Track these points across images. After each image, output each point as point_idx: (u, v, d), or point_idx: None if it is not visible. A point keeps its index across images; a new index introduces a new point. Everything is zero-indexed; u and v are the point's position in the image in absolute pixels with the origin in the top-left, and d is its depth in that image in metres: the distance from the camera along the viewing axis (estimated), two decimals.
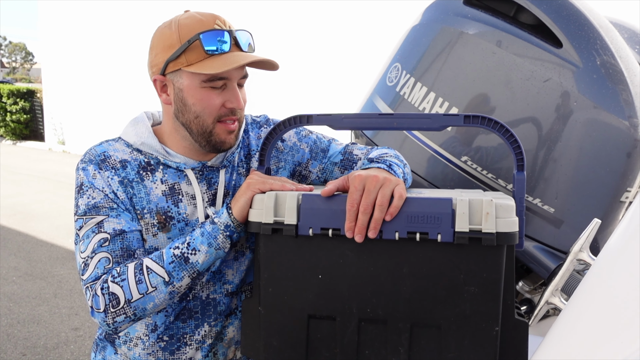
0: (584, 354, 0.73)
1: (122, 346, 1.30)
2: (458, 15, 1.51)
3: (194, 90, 1.19)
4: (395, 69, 1.62)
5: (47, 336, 3.93)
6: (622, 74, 1.38)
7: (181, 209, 1.25)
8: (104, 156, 1.23)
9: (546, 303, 1.30)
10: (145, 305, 1.13)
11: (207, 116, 1.20)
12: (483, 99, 1.43)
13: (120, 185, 1.22)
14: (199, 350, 1.30)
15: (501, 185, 1.42)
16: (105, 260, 1.15)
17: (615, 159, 1.39)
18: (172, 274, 1.13)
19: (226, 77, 1.19)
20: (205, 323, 1.30)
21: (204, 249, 1.13)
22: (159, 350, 1.28)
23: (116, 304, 1.12)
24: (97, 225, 1.17)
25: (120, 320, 1.13)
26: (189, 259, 1.13)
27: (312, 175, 1.40)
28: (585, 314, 0.78)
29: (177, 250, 1.14)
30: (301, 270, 1.06)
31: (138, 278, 1.12)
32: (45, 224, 6.96)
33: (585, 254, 1.20)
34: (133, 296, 1.12)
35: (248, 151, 1.37)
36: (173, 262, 1.13)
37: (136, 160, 1.25)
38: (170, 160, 1.26)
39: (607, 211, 1.44)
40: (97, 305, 1.13)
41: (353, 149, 1.41)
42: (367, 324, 1.05)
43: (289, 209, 1.05)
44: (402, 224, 1.00)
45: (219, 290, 1.30)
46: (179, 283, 1.14)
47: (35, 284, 4.91)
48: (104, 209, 1.19)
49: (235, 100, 1.21)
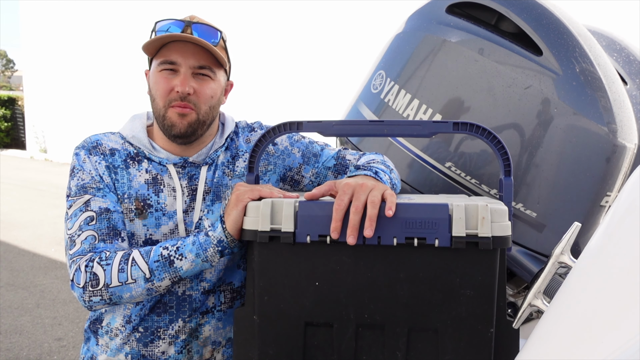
0: (564, 355, 0.75)
1: (104, 336, 1.34)
2: (440, 23, 1.54)
3: (153, 75, 1.29)
4: (379, 76, 1.64)
5: (30, 347, 3.87)
6: (600, 81, 1.41)
7: (161, 198, 1.30)
8: (96, 143, 1.32)
9: (529, 306, 1.32)
10: (122, 294, 1.17)
11: (159, 99, 1.28)
12: (466, 105, 1.46)
13: (106, 170, 1.29)
14: (172, 345, 1.33)
15: (484, 191, 1.45)
16: (92, 237, 1.21)
17: (595, 164, 1.42)
18: (154, 273, 1.15)
19: (174, 62, 1.26)
20: (180, 319, 1.32)
21: (191, 257, 1.15)
22: (134, 341, 1.32)
23: (95, 284, 1.16)
24: (84, 204, 1.24)
25: (95, 300, 1.18)
26: (173, 263, 1.15)
27: (305, 179, 1.43)
28: (566, 315, 0.80)
29: (165, 250, 1.16)
30: (298, 278, 1.06)
31: (121, 267, 1.16)
32: (27, 233, 6.85)
33: (567, 257, 1.22)
34: (112, 282, 1.16)
35: (236, 152, 1.40)
36: (158, 262, 1.15)
37: (126, 150, 1.33)
38: (155, 155, 1.33)
39: (588, 215, 1.47)
40: (78, 280, 1.17)
41: (345, 154, 1.43)
42: (365, 330, 1.06)
43: (286, 216, 1.05)
44: (399, 230, 1.01)
45: (195, 287, 1.33)
46: (158, 282, 1.16)
47: (17, 294, 4.83)
48: (91, 189, 1.26)
49: (181, 85, 1.25)
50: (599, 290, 0.74)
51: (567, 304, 0.81)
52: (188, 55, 1.25)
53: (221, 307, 1.37)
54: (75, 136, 14.08)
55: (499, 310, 1.06)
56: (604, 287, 0.73)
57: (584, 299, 0.77)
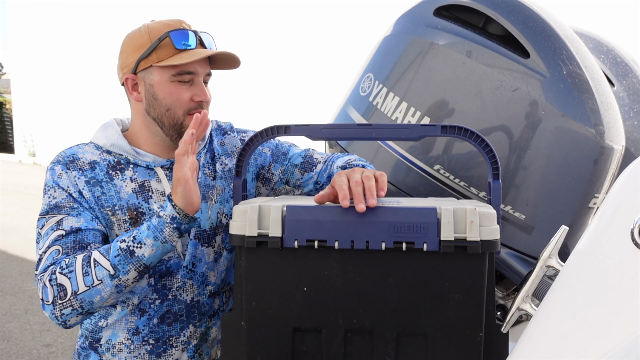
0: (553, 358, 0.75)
1: (106, 353, 1.31)
2: (428, 26, 1.54)
3: (163, 85, 1.27)
4: (368, 79, 1.64)
5: (18, 353, 3.82)
6: (587, 83, 1.42)
7: (152, 204, 1.29)
8: (72, 157, 1.29)
9: (517, 310, 1.32)
10: (92, 298, 1.14)
11: (178, 109, 1.28)
12: (454, 108, 1.46)
13: (87, 185, 1.26)
14: (184, 351, 1.34)
15: (473, 193, 1.44)
16: (56, 251, 1.18)
17: (583, 166, 1.43)
18: (118, 267, 1.14)
19: (193, 72, 1.27)
20: (190, 324, 1.34)
21: (150, 242, 1.14)
22: (145, 354, 1.31)
23: (63, 295, 1.13)
24: (56, 224, 1.21)
25: (67, 312, 1.15)
26: (134, 252, 1.14)
27: (274, 177, 1.47)
28: (554, 319, 0.80)
29: (123, 243, 1.15)
30: (286, 283, 1.05)
31: (85, 270, 1.13)
32: (16, 238, 6.78)
33: (554, 261, 1.22)
34: (79, 288, 1.13)
35: (213, 154, 1.42)
36: (119, 256, 1.14)
37: (105, 161, 1.30)
38: (140, 160, 1.32)
39: (576, 217, 1.48)
40: (47, 297, 1.15)
41: (313, 153, 1.48)
42: (354, 335, 1.05)
43: (274, 221, 1.04)
44: (388, 234, 1.01)
45: (202, 292, 1.35)
46: (125, 277, 1.14)
47: (5, 299, 4.78)
48: (65, 208, 1.23)
49: (202, 94, 1.29)
50: (587, 293, 0.74)
51: (556, 307, 0.81)
52: (203, 65, 1.30)
53: (224, 308, 1.41)
54: (64, 139, 13.97)
55: (488, 314, 1.05)
56: (592, 290, 0.73)
57: (572, 302, 0.77)
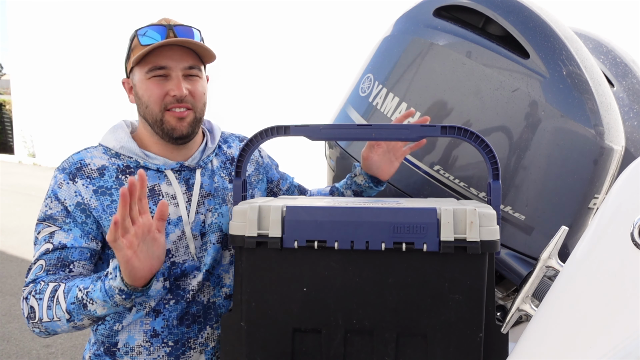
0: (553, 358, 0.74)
1: (125, 357, 1.30)
2: (428, 26, 1.54)
3: (141, 83, 1.28)
4: (367, 80, 1.63)
5: (18, 354, 3.82)
6: (587, 84, 1.42)
7: None
8: (80, 164, 1.27)
9: (517, 310, 1.31)
10: (55, 328, 1.16)
11: (154, 105, 1.27)
12: (454, 108, 1.46)
13: (94, 194, 1.24)
14: (202, 353, 1.35)
15: (473, 193, 1.44)
16: (39, 267, 1.20)
17: (582, 166, 1.43)
18: (72, 314, 1.13)
19: (165, 67, 1.26)
20: (208, 326, 1.35)
21: (101, 302, 1.11)
22: (165, 356, 1.31)
23: (33, 316, 1.16)
24: (49, 235, 1.23)
25: (37, 332, 1.17)
26: (87, 306, 1.12)
27: (281, 193, 1.54)
28: (554, 319, 0.80)
29: (80, 292, 1.12)
30: (285, 284, 1.05)
31: (48, 304, 1.14)
32: (15, 239, 6.77)
33: (554, 261, 1.22)
34: (44, 317, 1.15)
35: (232, 157, 1.44)
36: (74, 304, 1.12)
37: (114, 165, 1.29)
38: (150, 163, 1.30)
39: (576, 217, 1.47)
40: (23, 311, 1.18)
41: None
42: (353, 336, 1.05)
43: (274, 221, 1.04)
44: (387, 234, 1.01)
45: (218, 293, 1.35)
46: (80, 322, 1.15)
47: (5, 300, 4.78)
48: (58, 221, 1.23)
49: (176, 89, 1.26)
50: (587, 293, 0.74)
51: (556, 308, 0.81)
52: (177, 58, 1.27)
53: None
54: (65, 140, 13.98)
55: (488, 315, 1.05)
56: (592, 291, 0.73)
57: (572, 302, 0.77)
